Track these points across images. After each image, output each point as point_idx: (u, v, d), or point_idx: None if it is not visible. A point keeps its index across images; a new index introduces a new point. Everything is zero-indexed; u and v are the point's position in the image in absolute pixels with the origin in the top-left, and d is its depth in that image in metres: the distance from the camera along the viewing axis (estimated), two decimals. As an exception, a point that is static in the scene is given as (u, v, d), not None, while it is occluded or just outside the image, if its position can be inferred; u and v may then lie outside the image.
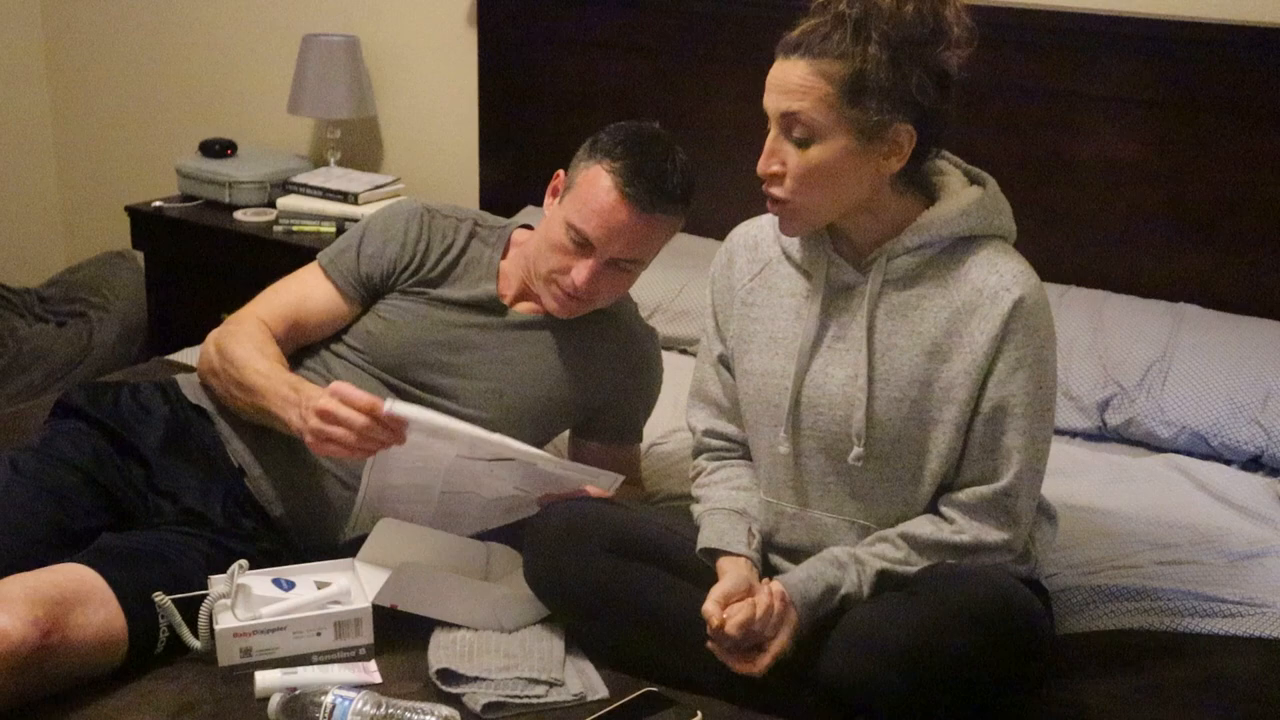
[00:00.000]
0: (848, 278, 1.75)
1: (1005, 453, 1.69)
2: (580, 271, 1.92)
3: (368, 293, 2.02)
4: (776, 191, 1.68)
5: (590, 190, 1.90)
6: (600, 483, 1.87)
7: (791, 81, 1.62)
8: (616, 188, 1.88)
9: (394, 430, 1.70)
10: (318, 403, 1.71)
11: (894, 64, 1.61)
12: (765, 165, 1.67)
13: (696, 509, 1.86)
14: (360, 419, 1.69)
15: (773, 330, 1.80)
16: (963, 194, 1.73)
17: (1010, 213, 1.77)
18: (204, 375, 1.99)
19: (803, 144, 1.64)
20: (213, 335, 1.98)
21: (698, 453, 1.95)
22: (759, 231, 1.87)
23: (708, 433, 1.92)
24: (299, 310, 2.00)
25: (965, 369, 1.69)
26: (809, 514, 1.79)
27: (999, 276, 1.68)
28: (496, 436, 1.77)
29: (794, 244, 1.80)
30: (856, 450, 1.73)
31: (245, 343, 1.91)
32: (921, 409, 1.70)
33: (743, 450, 1.91)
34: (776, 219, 1.73)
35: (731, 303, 1.86)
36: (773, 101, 1.65)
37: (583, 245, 1.91)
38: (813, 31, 1.62)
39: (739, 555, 1.76)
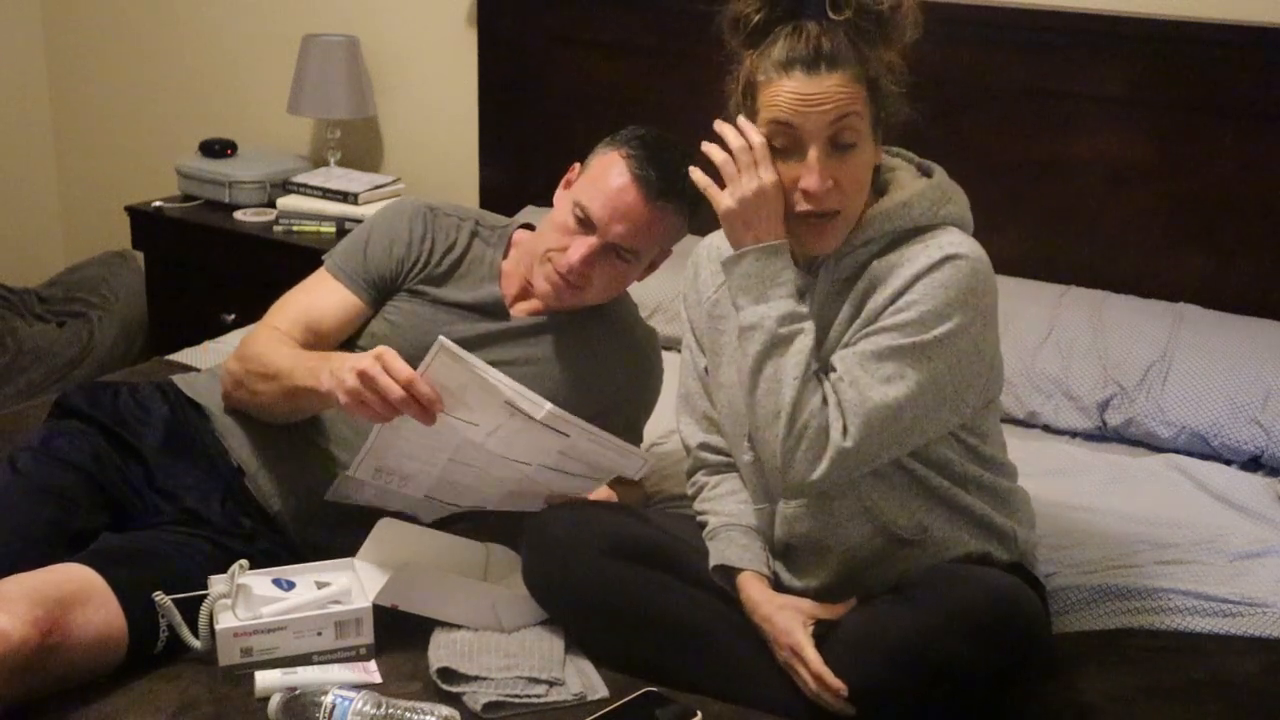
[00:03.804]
0: (799, 282, 1.73)
1: (855, 358, 1.62)
2: (577, 249, 1.92)
3: (378, 291, 2.02)
4: (835, 205, 1.64)
5: (603, 171, 1.93)
6: (629, 466, 1.83)
7: (835, 94, 1.59)
8: (629, 170, 1.91)
9: (425, 409, 1.66)
10: (360, 364, 1.67)
11: (886, 63, 1.63)
12: (823, 183, 1.61)
13: (710, 522, 1.84)
14: (397, 391, 1.65)
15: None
16: (908, 187, 1.72)
17: (963, 201, 1.75)
18: (230, 391, 1.96)
19: (848, 152, 1.62)
20: (229, 356, 1.98)
21: (694, 469, 1.94)
22: (721, 243, 1.85)
23: (702, 446, 1.92)
24: (311, 314, 1.98)
25: (873, 311, 1.65)
26: (789, 514, 1.78)
27: (925, 247, 1.65)
28: (538, 399, 1.70)
29: None
30: None
31: (263, 342, 1.92)
32: None
33: None
34: (815, 236, 1.67)
35: (701, 315, 1.86)
36: (817, 117, 1.60)
37: (586, 224, 1.92)
38: (824, 43, 1.59)
39: (760, 574, 1.76)
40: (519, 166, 3.41)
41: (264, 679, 1.64)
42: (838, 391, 1.62)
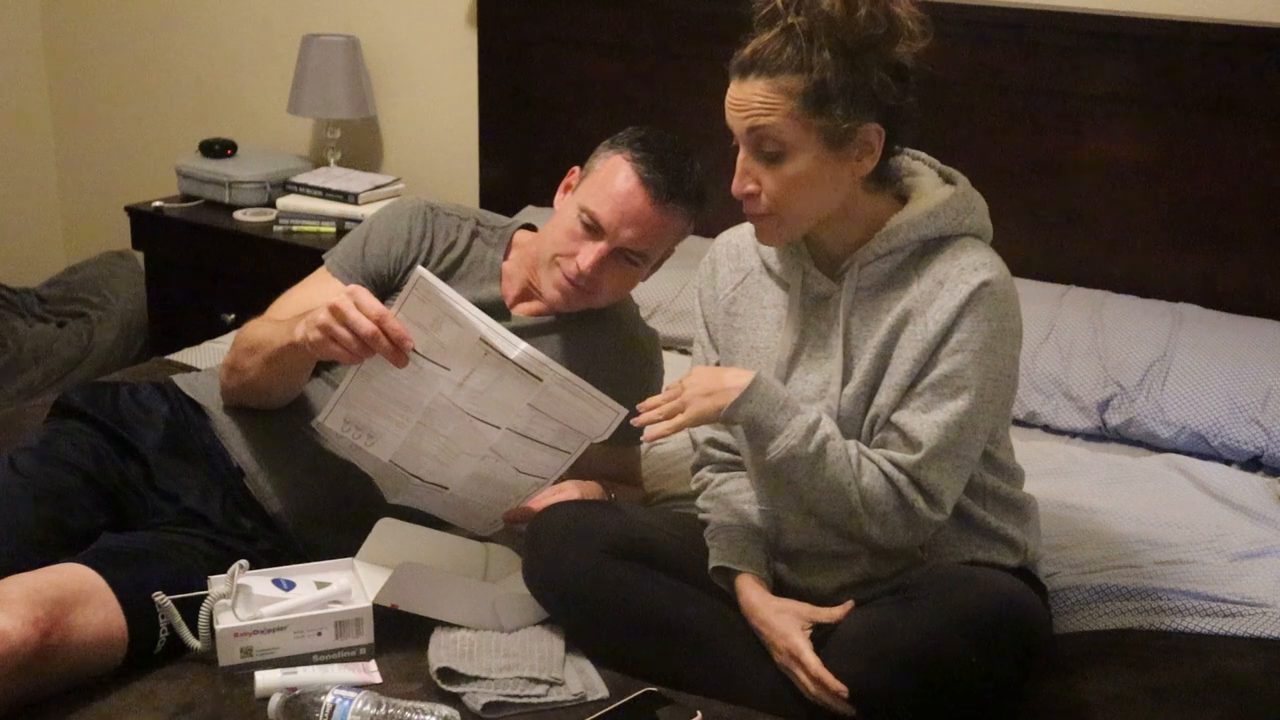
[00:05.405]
0: (823, 288, 1.74)
1: (927, 427, 1.66)
2: (587, 255, 1.92)
3: (376, 289, 2.01)
4: (759, 208, 1.67)
5: (609, 176, 1.93)
6: (602, 420, 1.77)
7: (752, 101, 1.61)
8: (636, 174, 1.91)
9: (396, 347, 1.66)
10: (330, 299, 1.68)
11: (852, 68, 1.59)
12: (740, 186, 1.67)
13: (712, 521, 1.84)
14: (367, 325, 1.65)
15: (755, 341, 1.80)
16: (932, 195, 1.72)
17: (984, 210, 1.75)
18: (225, 382, 1.95)
19: (774, 159, 1.63)
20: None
21: (700, 465, 1.95)
22: (740, 240, 1.86)
23: (710, 442, 1.92)
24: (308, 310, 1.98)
25: (917, 346, 1.67)
26: (797, 518, 1.78)
27: (960, 269, 1.66)
28: (513, 338, 1.70)
29: (772, 255, 1.80)
30: None
31: (251, 325, 1.92)
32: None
33: None
34: (758, 231, 1.72)
35: (717, 312, 1.86)
36: (736, 122, 1.64)
37: (594, 230, 1.92)
38: (764, 49, 1.60)
39: (759, 576, 1.76)
40: (519, 166, 3.41)
41: (264, 679, 1.64)
42: (926, 478, 1.65)
